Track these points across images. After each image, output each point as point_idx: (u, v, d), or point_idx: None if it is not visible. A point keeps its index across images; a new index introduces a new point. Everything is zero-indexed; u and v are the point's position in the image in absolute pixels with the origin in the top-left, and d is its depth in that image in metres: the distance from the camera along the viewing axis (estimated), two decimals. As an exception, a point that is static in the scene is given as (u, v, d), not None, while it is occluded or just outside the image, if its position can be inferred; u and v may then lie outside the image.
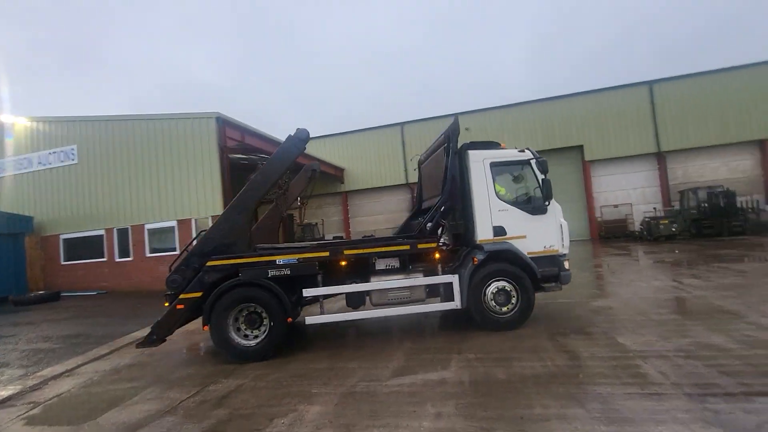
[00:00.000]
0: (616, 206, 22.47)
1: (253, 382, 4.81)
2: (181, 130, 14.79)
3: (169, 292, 5.79)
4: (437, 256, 6.19)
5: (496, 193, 6.28)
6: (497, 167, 6.36)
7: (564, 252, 6.30)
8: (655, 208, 21.21)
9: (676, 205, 20.23)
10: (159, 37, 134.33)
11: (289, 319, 5.69)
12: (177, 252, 13.36)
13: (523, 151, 6.41)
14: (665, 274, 9.96)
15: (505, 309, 6.02)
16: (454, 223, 6.32)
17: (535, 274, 5.99)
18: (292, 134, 6.35)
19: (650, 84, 22.38)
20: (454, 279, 5.94)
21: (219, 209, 13.48)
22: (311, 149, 24.40)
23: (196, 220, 14.32)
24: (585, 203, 22.88)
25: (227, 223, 6.02)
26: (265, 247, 6.44)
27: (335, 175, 25.58)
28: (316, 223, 23.68)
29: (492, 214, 6.19)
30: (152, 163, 15.25)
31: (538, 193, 6.26)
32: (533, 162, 6.30)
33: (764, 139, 20.81)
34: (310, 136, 6.49)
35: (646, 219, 19.16)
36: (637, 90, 22.60)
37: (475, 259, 5.98)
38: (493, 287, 6.03)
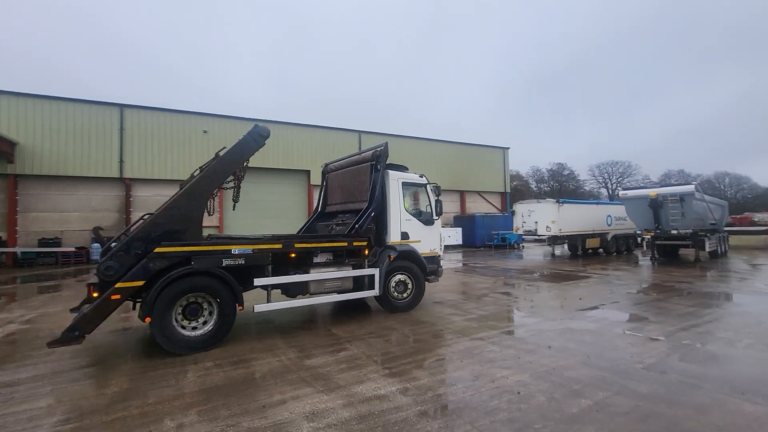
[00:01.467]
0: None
1: None
2: None
3: (100, 280, 5.14)
4: (366, 252, 7.22)
5: (404, 207, 7.96)
6: (406, 186, 8.09)
7: (440, 254, 8.60)
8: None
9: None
10: None
11: (240, 308, 5.80)
12: None
13: (421, 176, 8.44)
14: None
15: (402, 296, 7.75)
16: (370, 227, 7.36)
17: (425, 269, 7.98)
18: (253, 129, 6.55)
19: (360, 133, 28.82)
20: (376, 272, 7.21)
21: None
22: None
23: None
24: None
25: (179, 210, 5.78)
26: (220, 237, 6.62)
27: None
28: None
29: (401, 222, 7.85)
30: None
31: (429, 209, 8.35)
32: (428, 186, 8.42)
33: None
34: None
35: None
36: (350, 134, 28.54)
37: (391, 256, 7.47)
38: (396, 279, 7.66)
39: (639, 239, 23.63)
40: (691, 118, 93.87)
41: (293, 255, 6.58)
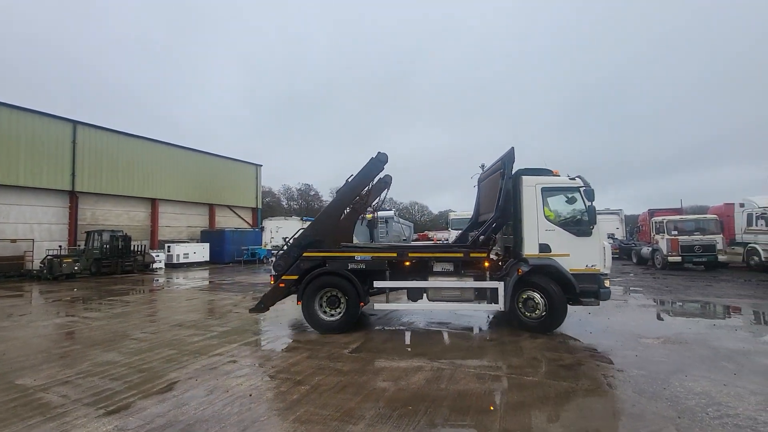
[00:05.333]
0: (14, 241, 19.39)
1: None
2: None
3: (274, 273, 7.53)
4: (486, 264, 7.20)
5: (545, 215, 7.03)
6: (548, 191, 7.15)
7: (606, 272, 6.96)
8: (60, 246, 20.62)
9: (82, 245, 20.94)
10: None
11: (362, 303, 7.14)
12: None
13: (574, 179, 7.18)
14: (66, 311, 10.29)
15: (532, 315, 7.01)
16: (506, 237, 7.52)
17: (573, 287, 6.75)
18: (374, 156, 7.78)
19: (75, 123, 22.54)
20: (499, 285, 6.92)
21: None
22: None
23: None
24: (-35, 234, 17.90)
25: (320, 225, 7.65)
26: (347, 245, 7.65)
27: None
28: None
29: (539, 232, 7.00)
30: None
31: (584, 217, 7.01)
32: (582, 190, 7.01)
33: (154, 198, 26.98)
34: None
35: (49, 257, 18.22)
36: (61, 124, 21.92)
37: (520, 270, 6.86)
38: (526, 295, 7.01)
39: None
40: (405, 158, 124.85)
41: (407, 263, 7.41)
